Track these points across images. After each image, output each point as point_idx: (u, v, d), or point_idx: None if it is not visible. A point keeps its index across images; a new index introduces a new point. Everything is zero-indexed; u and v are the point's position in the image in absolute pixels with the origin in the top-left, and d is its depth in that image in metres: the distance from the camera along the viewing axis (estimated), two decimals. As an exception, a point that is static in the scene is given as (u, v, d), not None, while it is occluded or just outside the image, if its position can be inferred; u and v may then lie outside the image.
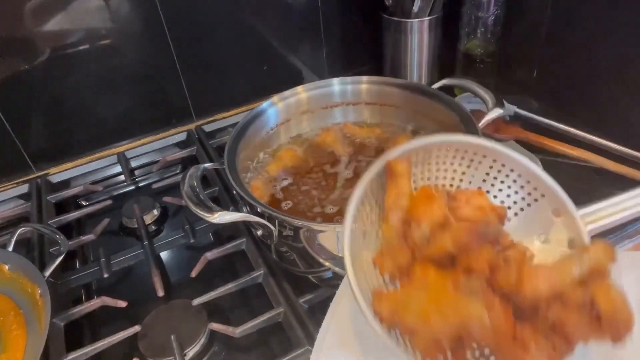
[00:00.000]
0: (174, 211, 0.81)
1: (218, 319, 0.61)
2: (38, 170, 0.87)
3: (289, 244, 0.54)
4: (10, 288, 0.61)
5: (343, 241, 0.39)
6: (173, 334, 0.57)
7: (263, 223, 0.53)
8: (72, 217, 0.77)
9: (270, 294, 0.62)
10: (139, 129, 0.92)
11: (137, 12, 0.81)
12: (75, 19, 0.78)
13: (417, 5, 0.85)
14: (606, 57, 0.77)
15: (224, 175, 0.78)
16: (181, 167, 0.91)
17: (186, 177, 0.54)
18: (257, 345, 0.59)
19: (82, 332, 0.64)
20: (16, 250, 0.63)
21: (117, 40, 0.82)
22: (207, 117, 0.96)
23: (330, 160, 0.70)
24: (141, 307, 0.63)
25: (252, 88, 0.96)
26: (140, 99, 0.89)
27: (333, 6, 0.94)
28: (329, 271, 0.56)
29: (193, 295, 0.61)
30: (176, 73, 0.89)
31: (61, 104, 0.83)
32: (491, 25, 0.88)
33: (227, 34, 0.89)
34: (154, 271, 0.65)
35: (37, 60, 0.78)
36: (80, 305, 0.62)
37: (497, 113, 0.61)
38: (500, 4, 0.86)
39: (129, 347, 0.59)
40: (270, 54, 0.95)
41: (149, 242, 0.70)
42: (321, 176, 0.67)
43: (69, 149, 0.88)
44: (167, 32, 0.84)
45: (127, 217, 0.78)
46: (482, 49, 0.91)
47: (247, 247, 0.68)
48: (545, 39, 0.86)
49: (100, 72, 0.84)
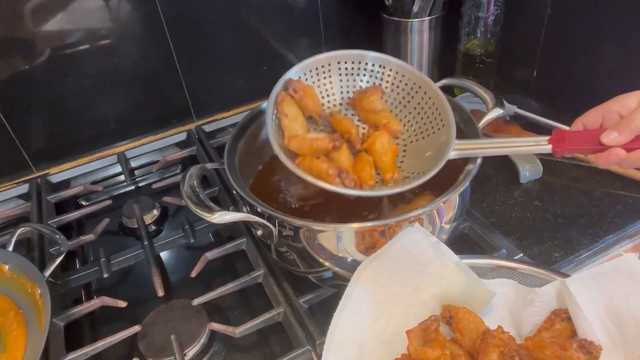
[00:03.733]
0: (174, 211, 0.81)
1: (218, 319, 0.61)
2: (38, 170, 0.87)
3: (289, 244, 0.54)
4: (10, 288, 0.61)
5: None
6: (173, 334, 0.57)
7: (263, 223, 0.53)
8: (72, 217, 0.77)
9: (270, 294, 0.62)
10: (139, 129, 0.92)
11: (137, 12, 0.81)
12: (75, 19, 0.78)
13: (417, 5, 0.84)
14: (606, 57, 0.77)
15: (224, 175, 0.78)
16: (181, 167, 0.91)
17: (186, 177, 0.54)
18: (257, 345, 0.59)
19: (82, 332, 0.64)
20: (16, 250, 0.63)
21: (117, 40, 0.82)
22: (207, 117, 0.96)
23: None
24: (141, 307, 0.63)
25: (252, 88, 0.96)
26: (140, 99, 0.90)
27: (333, 6, 0.94)
28: (328, 271, 0.56)
29: (193, 295, 0.61)
30: (176, 73, 0.89)
31: (61, 104, 0.83)
32: (491, 25, 0.88)
33: (227, 34, 0.89)
34: (154, 271, 0.65)
35: (37, 60, 0.78)
36: (80, 305, 0.62)
37: (497, 113, 0.61)
38: (500, 4, 0.86)
39: (129, 347, 0.59)
40: (270, 54, 0.95)
41: (149, 242, 0.70)
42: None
43: (69, 149, 0.88)
44: (167, 32, 0.84)
45: (127, 217, 0.78)
46: (482, 49, 0.91)
47: (247, 247, 0.68)
48: (545, 39, 0.86)
49: (100, 72, 0.84)
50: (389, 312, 0.49)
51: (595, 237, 0.65)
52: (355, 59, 0.60)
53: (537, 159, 0.76)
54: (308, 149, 0.53)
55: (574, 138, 0.51)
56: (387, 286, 0.49)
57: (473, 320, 0.46)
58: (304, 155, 0.53)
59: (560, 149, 0.51)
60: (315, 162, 0.52)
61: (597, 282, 0.46)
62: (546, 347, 0.41)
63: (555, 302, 0.48)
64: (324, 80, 0.60)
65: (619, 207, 0.69)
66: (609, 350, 0.44)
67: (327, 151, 0.54)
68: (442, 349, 0.43)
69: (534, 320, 0.48)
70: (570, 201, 0.71)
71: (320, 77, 0.60)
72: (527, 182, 0.75)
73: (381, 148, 0.55)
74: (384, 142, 0.55)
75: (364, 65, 0.60)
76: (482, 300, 0.49)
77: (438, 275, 0.49)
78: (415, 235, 0.48)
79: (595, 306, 0.45)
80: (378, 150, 0.55)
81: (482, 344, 0.43)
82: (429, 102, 0.58)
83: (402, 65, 0.60)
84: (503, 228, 0.68)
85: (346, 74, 0.60)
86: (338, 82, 0.61)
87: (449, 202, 0.52)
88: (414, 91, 0.59)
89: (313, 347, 0.55)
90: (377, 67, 0.60)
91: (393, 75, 0.60)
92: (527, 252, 0.64)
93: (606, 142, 0.48)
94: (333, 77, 0.60)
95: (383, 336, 0.48)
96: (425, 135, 0.58)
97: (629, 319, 0.44)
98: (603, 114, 0.51)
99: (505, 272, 0.52)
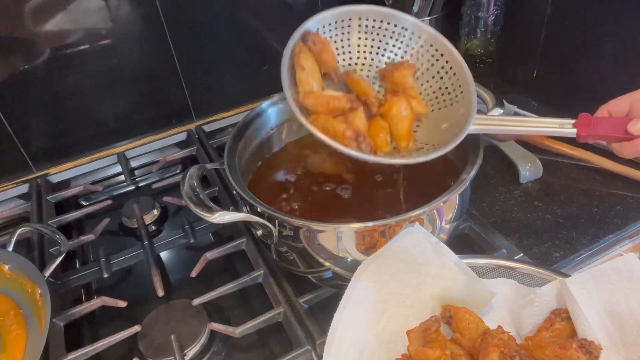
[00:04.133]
0: (174, 211, 0.81)
1: (218, 319, 0.61)
2: (38, 170, 0.87)
3: (289, 244, 0.54)
4: (10, 288, 0.61)
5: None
6: (173, 334, 0.57)
7: (263, 223, 0.53)
8: (72, 217, 0.77)
9: (270, 294, 0.62)
10: (139, 129, 0.92)
11: (137, 12, 0.81)
12: (75, 19, 0.78)
13: (417, 5, 0.85)
14: (606, 57, 0.77)
15: (224, 175, 0.78)
16: (181, 167, 0.91)
17: (186, 177, 0.54)
18: (257, 345, 0.59)
19: (82, 332, 0.64)
20: (16, 250, 0.63)
21: (117, 40, 0.82)
22: (207, 117, 0.96)
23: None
24: (141, 307, 0.63)
25: (252, 88, 0.96)
26: (140, 99, 0.89)
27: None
28: (328, 271, 0.56)
29: (193, 295, 0.61)
30: (176, 73, 0.89)
31: (61, 104, 0.83)
32: (491, 25, 0.88)
33: (227, 33, 0.89)
34: (154, 271, 0.65)
35: (37, 60, 0.78)
36: (80, 305, 0.62)
37: (497, 113, 0.61)
38: (500, 4, 0.86)
39: (129, 347, 0.59)
40: (270, 54, 0.95)
41: (149, 242, 0.70)
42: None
43: (69, 149, 0.88)
44: (167, 32, 0.84)
45: (127, 217, 0.78)
46: (482, 49, 0.91)
47: (247, 247, 0.68)
48: (545, 39, 0.86)
49: (100, 72, 0.84)
50: (389, 312, 0.49)
51: (595, 237, 0.65)
52: (383, 17, 0.56)
53: (537, 159, 0.76)
54: (324, 106, 0.50)
55: (600, 124, 0.49)
56: (387, 286, 0.49)
57: (473, 320, 0.46)
58: (318, 113, 0.50)
59: (585, 134, 0.49)
60: (331, 121, 0.49)
61: (597, 282, 0.46)
62: (546, 347, 0.41)
63: (555, 302, 0.48)
64: (342, 36, 0.56)
65: (619, 207, 0.69)
66: (608, 350, 0.44)
67: (343, 111, 0.52)
68: (443, 349, 0.43)
69: (534, 320, 0.48)
70: (570, 201, 0.71)
71: (338, 32, 0.56)
72: (527, 182, 0.75)
73: (398, 115, 0.53)
74: (401, 109, 0.53)
75: (392, 27, 0.56)
76: (482, 300, 0.49)
77: (438, 275, 0.49)
78: (415, 235, 0.48)
79: (595, 306, 0.45)
80: (395, 117, 0.53)
81: (482, 344, 0.43)
82: (450, 72, 0.55)
83: (433, 34, 0.56)
84: (503, 228, 0.68)
85: (366, 32, 0.56)
86: (356, 40, 0.57)
87: (449, 202, 0.51)
88: (435, 59, 0.56)
89: (313, 347, 0.55)
90: (408, 32, 0.56)
91: (421, 43, 0.56)
92: (527, 252, 0.64)
93: (633, 131, 0.47)
94: (352, 34, 0.56)
95: (383, 336, 0.48)
96: (442, 107, 0.56)
97: (629, 318, 0.44)
98: (631, 103, 0.50)
99: (505, 272, 0.52)
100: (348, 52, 0.57)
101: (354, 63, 0.58)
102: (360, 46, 0.57)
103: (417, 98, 0.55)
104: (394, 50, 0.58)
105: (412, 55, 0.57)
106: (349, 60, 0.58)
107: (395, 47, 0.57)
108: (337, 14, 0.55)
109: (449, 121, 0.54)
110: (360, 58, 0.58)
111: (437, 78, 0.56)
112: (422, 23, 0.56)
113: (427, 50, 0.56)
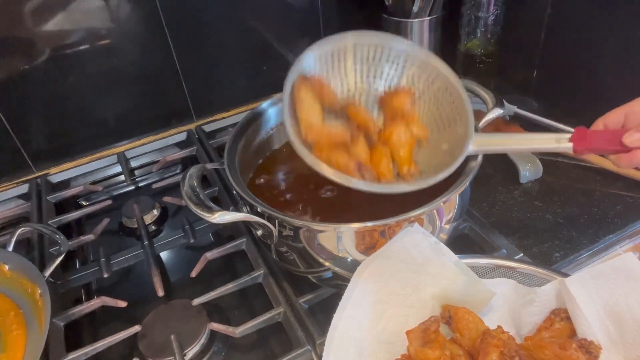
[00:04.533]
0: (174, 211, 0.81)
1: (218, 319, 0.61)
2: (38, 170, 0.87)
3: (289, 244, 0.54)
4: (10, 288, 0.61)
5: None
6: (173, 334, 0.57)
7: (263, 223, 0.53)
8: (72, 217, 0.77)
9: (270, 294, 0.62)
10: (139, 129, 0.92)
11: (137, 12, 0.81)
12: (75, 19, 0.78)
13: (417, 5, 0.85)
14: (606, 57, 0.77)
15: (224, 175, 0.78)
16: (181, 167, 0.91)
17: (186, 177, 0.54)
18: (257, 345, 0.59)
19: (82, 332, 0.64)
20: (16, 250, 0.64)
21: (117, 40, 0.82)
22: (207, 117, 0.96)
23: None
24: (141, 307, 0.63)
25: (252, 88, 0.96)
26: (140, 99, 0.90)
27: (333, 6, 0.94)
28: (328, 271, 0.56)
29: (193, 295, 0.61)
30: (176, 73, 0.89)
31: (61, 104, 0.84)
32: (491, 25, 0.88)
33: (227, 34, 0.89)
34: (154, 271, 0.65)
35: (37, 60, 0.78)
36: (80, 305, 0.62)
37: (497, 113, 0.61)
38: (500, 4, 0.86)
39: (129, 347, 0.59)
40: (270, 54, 0.95)
41: (149, 242, 0.70)
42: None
43: (69, 149, 0.88)
44: (167, 32, 0.84)
45: (127, 217, 0.78)
46: (482, 49, 0.91)
47: (247, 247, 0.68)
48: (545, 39, 0.86)
49: (100, 72, 0.84)
50: (389, 313, 0.49)
51: (595, 237, 0.65)
52: (375, 46, 0.57)
53: (537, 158, 0.76)
54: (325, 139, 0.51)
55: (596, 137, 0.50)
56: (387, 286, 0.49)
57: (473, 320, 0.46)
58: (320, 147, 0.51)
59: (581, 148, 0.49)
60: (334, 155, 0.50)
61: (597, 282, 0.46)
62: (546, 347, 0.41)
63: (555, 302, 0.48)
64: (338, 69, 0.57)
65: (619, 207, 0.69)
66: (608, 349, 0.44)
67: (344, 142, 0.52)
68: (442, 350, 0.43)
69: (533, 320, 0.48)
70: (570, 201, 0.71)
71: (335, 65, 0.57)
72: (527, 182, 0.75)
73: (398, 140, 0.54)
74: (401, 134, 0.54)
75: (387, 54, 0.57)
76: (482, 300, 0.49)
77: (438, 275, 0.49)
78: (415, 235, 0.48)
79: (594, 306, 0.45)
80: (395, 143, 0.54)
81: (482, 344, 0.43)
82: (446, 94, 0.56)
83: (425, 58, 0.57)
84: (503, 228, 0.68)
85: (361, 62, 0.58)
86: (352, 70, 0.58)
87: (449, 202, 0.52)
88: (430, 81, 0.57)
89: (313, 347, 0.55)
90: (402, 57, 0.57)
91: (416, 66, 0.57)
92: (527, 252, 0.64)
93: (628, 143, 0.47)
94: (348, 64, 0.57)
95: (383, 336, 0.48)
96: (441, 129, 0.56)
97: (629, 318, 0.44)
98: (626, 114, 0.51)
99: (505, 271, 0.52)
100: (346, 82, 0.59)
101: (352, 90, 0.59)
102: (357, 75, 0.58)
103: (416, 122, 0.56)
104: (390, 74, 0.58)
105: (410, 77, 0.58)
106: (347, 87, 0.59)
107: (392, 70, 0.58)
108: (330, 50, 0.56)
109: (449, 142, 0.55)
110: (358, 85, 0.59)
111: (434, 100, 0.57)
112: (415, 46, 0.58)
113: (423, 72, 0.57)
